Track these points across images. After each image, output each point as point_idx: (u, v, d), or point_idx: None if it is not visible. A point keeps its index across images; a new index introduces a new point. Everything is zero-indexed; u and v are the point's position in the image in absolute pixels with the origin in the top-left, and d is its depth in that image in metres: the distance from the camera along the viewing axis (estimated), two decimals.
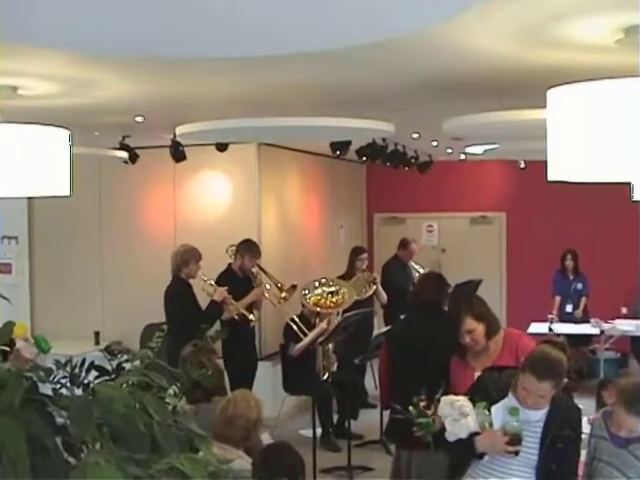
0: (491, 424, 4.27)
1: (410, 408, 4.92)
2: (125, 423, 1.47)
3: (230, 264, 9.03)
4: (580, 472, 4.50)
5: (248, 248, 9.01)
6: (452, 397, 4.45)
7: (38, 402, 1.51)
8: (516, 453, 4.20)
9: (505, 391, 4.31)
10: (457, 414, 4.31)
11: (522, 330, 10.31)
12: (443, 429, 4.44)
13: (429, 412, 4.85)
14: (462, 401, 4.36)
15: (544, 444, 4.21)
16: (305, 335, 9.03)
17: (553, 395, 4.22)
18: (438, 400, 4.84)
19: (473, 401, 4.36)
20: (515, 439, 4.18)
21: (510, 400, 4.27)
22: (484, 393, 4.39)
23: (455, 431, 4.31)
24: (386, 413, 9.43)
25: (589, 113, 3.40)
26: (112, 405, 1.48)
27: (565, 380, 4.29)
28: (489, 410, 4.30)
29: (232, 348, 8.48)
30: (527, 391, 4.16)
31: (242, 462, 4.28)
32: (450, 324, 5.94)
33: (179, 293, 8.38)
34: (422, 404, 4.94)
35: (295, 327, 9.10)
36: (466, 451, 4.37)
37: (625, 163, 3.38)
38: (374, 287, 10.56)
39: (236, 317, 8.55)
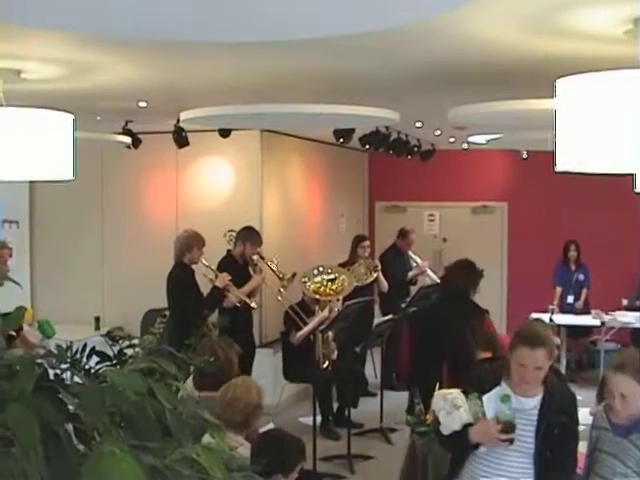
0: (484, 414, 4.25)
1: (408, 417, 4.94)
2: (136, 411, 1.46)
3: (229, 250, 9.01)
4: (581, 464, 4.49)
5: (249, 236, 8.97)
6: (445, 390, 4.46)
7: (50, 389, 1.50)
8: (510, 442, 4.18)
9: (497, 381, 4.30)
10: (450, 407, 4.31)
11: (522, 320, 10.36)
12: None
13: (427, 418, 4.88)
14: (454, 394, 4.36)
15: (540, 431, 4.20)
16: (306, 323, 9.03)
17: (546, 379, 4.22)
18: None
19: (466, 393, 4.35)
20: (508, 427, 4.15)
21: (502, 388, 4.26)
22: (476, 384, 4.37)
23: (449, 423, 4.30)
24: (386, 402, 9.49)
25: (598, 104, 3.39)
26: (124, 392, 1.47)
27: (556, 352, 4.30)
28: (482, 400, 4.29)
29: (231, 335, 8.46)
30: (524, 366, 4.13)
31: (244, 450, 4.27)
32: (476, 313, 5.99)
33: (182, 278, 8.36)
34: (419, 407, 4.96)
35: (294, 315, 9.09)
36: (461, 443, 4.34)
37: (631, 155, 3.37)
38: (375, 274, 10.56)
39: (238, 304, 8.53)
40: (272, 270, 9.14)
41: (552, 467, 4.21)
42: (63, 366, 1.71)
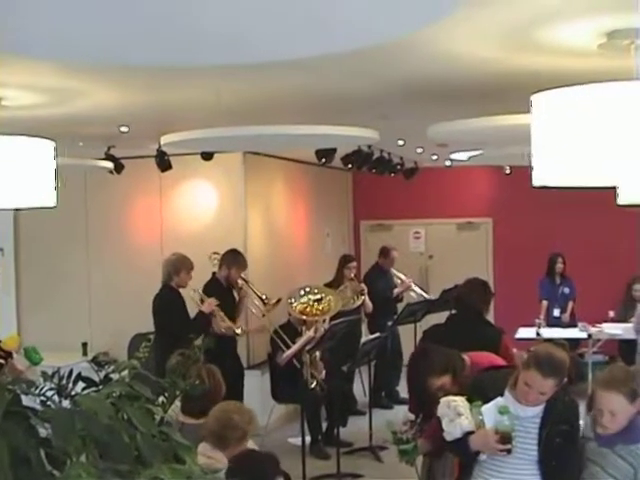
0: (484, 423, 4.31)
1: (391, 436, 4.94)
2: (108, 435, 1.46)
3: (214, 273, 8.99)
4: None
5: (235, 260, 8.93)
6: (450, 397, 4.49)
7: (21, 414, 1.50)
8: (508, 452, 4.23)
9: (501, 390, 4.34)
10: (453, 414, 4.37)
11: (510, 335, 10.37)
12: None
13: (410, 435, 4.88)
14: (458, 401, 4.41)
15: (542, 439, 4.25)
16: (293, 343, 9.02)
17: None
18: (419, 424, 4.91)
19: (470, 401, 4.40)
20: (505, 437, 4.21)
21: (502, 399, 4.30)
22: (480, 392, 4.42)
23: (451, 431, 4.37)
24: (375, 420, 9.47)
25: (573, 118, 3.41)
26: (95, 417, 1.47)
27: (565, 380, 4.33)
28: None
29: (217, 361, 8.41)
30: (529, 387, 4.20)
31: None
32: (489, 333, 6.03)
33: (169, 301, 8.34)
34: (404, 428, 4.97)
35: (278, 339, 9.07)
36: (462, 450, 4.43)
37: (609, 167, 3.39)
38: (362, 298, 10.57)
39: (224, 330, 8.50)
40: (256, 294, 9.11)
41: (556, 476, 4.28)
42: (49, 392, 1.71)
